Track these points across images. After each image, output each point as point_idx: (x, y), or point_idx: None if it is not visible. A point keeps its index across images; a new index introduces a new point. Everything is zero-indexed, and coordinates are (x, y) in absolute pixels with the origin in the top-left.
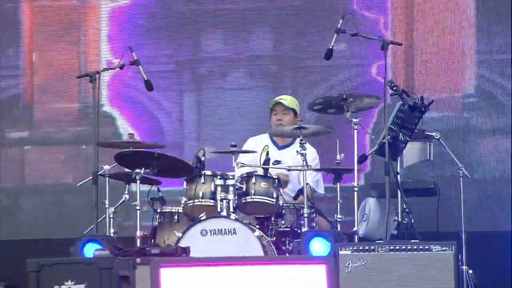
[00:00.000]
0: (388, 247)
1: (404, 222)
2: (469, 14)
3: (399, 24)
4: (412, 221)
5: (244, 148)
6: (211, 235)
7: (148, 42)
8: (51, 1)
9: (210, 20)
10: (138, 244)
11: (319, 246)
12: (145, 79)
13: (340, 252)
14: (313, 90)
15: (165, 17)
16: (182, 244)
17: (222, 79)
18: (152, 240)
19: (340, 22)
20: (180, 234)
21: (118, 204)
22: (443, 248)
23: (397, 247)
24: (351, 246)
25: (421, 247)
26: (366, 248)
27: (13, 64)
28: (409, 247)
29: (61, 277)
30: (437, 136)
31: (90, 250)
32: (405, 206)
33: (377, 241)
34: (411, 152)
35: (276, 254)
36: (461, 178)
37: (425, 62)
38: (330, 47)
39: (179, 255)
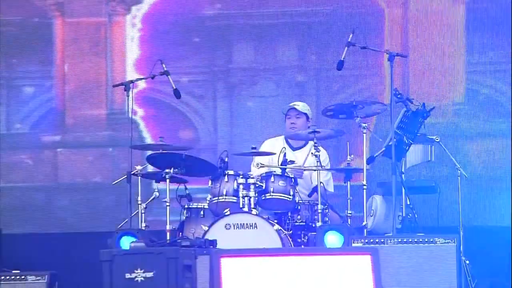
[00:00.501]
0: (396, 240)
1: (409, 217)
2: (459, 30)
3: (395, 39)
4: (416, 216)
5: (261, 149)
6: (234, 228)
7: (185, 55)
8: (81, 17)
9: (240, 35)
10: (168, 237)
11: (333, 239)
12: (174, 88)
13: (353, 244)
14: (334, 97)
15: (200, 32)
16: (208, 237)
17: (252, 87)
18: (180, 233)
19: (351, 36)
20: (206, 228)
21: (149, 200)
22: (447, 241)
23: (405, 240)
24: (362, 239)
25: (426, 239)
26: (377, 240)
27: (47, 74)
28: (415, 240)
29: (131, 266)
30: (437, 139)
31: (126, 242)
32: (408, 203)
33: (386, 234)
34: (414, 153)
35: (293, 246)
36: (458, 178)
37: (418, 73)
38: (342, 59)
39: (207, 247)
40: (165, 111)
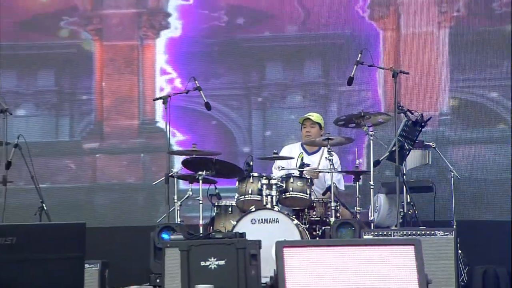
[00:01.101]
0: (401, 232)
1: (409, 213)
2: (443, 51)
3: (390, 57)
4: (416, 212)
5: (281, 154)
6: (259, 223)
7: (223, 73)
8: (117, 41)
9: (272, 55)
10: (201, 230)
11: (347, 233)
12: (205, 101)
13: (364, 236)
14: (354, 109)
15: (235, 51)
16: (236, 230)
17: (281, 100)
18: (211, 227)
19: (359, 56)
20: (235, 223)
21: (183, 199)
22: (446, 233)
23: (409, 232)
24: (372, 231)
25: (428, 232)
26: (385, 233)
27: (87, 90)
28: (418, 232)
29: (206, 255)
30: (433, 145)
31: (168, 235)
32: (409, 200)
33: (392, 228)
34: (413, 157)
35: (309, 238)
36: (452, 178)
37: (409, 87)
38: (351, 76)
39: (235, 238)
40: (203, 120)
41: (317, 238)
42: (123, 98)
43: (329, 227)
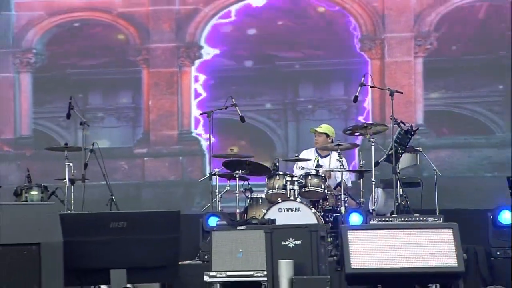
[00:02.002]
0: (400, 218)
1: (402, 203)
2: (419, 75)
3: (376, 80)
4: (408, 202)
5: (300, 156)
6: (284, 211)
7: (265, 92)
8: (160, 68)
9: (304, 76)
10: (238, 218)
11: (355, 218)
12: (240, 115)
13: (370, 222)
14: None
15: (273, 74)
16: (267, 217)
17: (312, 114)
18: (245, 215)
19: (363, 78)
20: (265, 211)
21: (223, 192)
22: (435, 219)
23: (407, 219)
24: (377, 218)
25: (421, 218)
26: (387, 219)
27: (137, 106)
28: (413, 219)
29: (285, 236)
30: (420, 150)
31: (213, 221)
32: (402, 193)
33: (392, 215)
34: (405, 159)
35: (324, 223)
36: (435, 176)
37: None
38: (356, 95)
39: (269, 224)
40: (247, 129)
41: (330, 224)
42: (165, 114)
43: (339, 214)
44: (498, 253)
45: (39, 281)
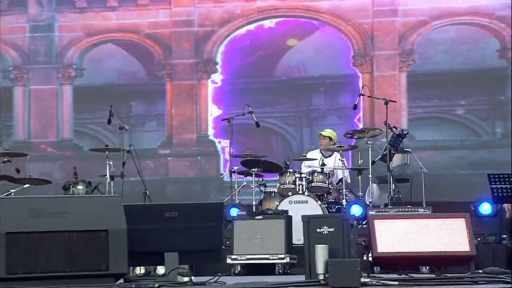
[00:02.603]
0: (395, 210)
1: (395, 197)
2: (403, 87)
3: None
4: (400, 195)
5: (307, 156)
6: (294, 203)
7: (284, 101)
8: (182, 81)
9: (316, 89)
10: (254, 209)
11: (356, 209)
12: (256, 121)
13: (369, 212)
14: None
15: (289, 86)
16: (280, 208)
17: (324, 120)
18: (260, 207)
19: (362, 89)
20: (277, 203)
21: (241, 187)
22: (425, 210)
23: (400, 210)
24: (375, 209)
25: (413, 209)
26: (384, 210)
27: (162, 114)
28: (406, 210)
29: (320, 224)
30: (410, 150)
31: (234, 211)
32: (394, 188)
33: (387, 207)
34: (397, 159)
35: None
36: (422, 173)
37: (379, 112)
38: (356, 103)
39: (280, 214)
40: (266, 133)
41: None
42: (186, 120)
43: (341, 206)
44: (478, 239)
45: (107, 262)
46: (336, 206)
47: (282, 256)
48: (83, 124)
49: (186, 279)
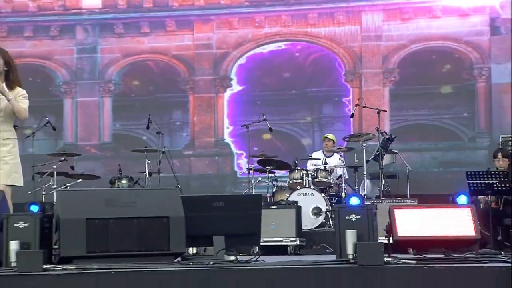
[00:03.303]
0: (389, 200)
1: (385, 190)
2: (386, 99)
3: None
4: (389, 189)
5: (312, 156)
6: (302, 195)
7: (296, 110)
8: (202, 94)
9: (325, 100)
10: (268, 200)
11: (354, 200)
12: (269, 127)
13: (367, 203)
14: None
15: (303, 98)
16: (290, 199)
17: (331, 126)
18: (273, 198)
19: (357, 100)
20: (288, 195)
21: (256, 181)
22: (412, 201)
23: (392, 201)
24: (371, 200)
25: (403, 201)
26: (378, 201)
27: (186, 121)
28: (396, 201)
29: (348, 213)
30: (397, 152)
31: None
32: (384, 182)
33: (380, 198)
34: (386, 158)
35: (330, 205)
36: (407, 171)
37: (366, 120)
38: (353, 112)
39: (291, 204)
40: (286, 137)
41: (333, 205)
42: (205, 126)
43: (340, 197)
44: None
45: (168, 243)
46: (336, 198)
47: (293, 239)
48: (120, 129)
49: (232, 258)
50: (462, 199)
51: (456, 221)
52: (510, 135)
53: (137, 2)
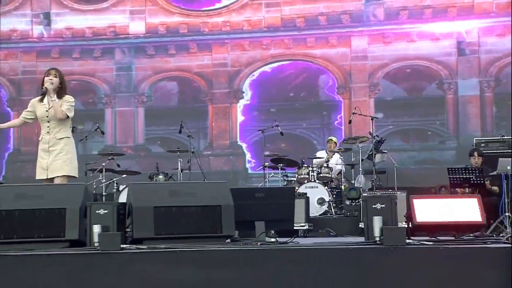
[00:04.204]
0: (381, 192)
1: (377, 183)
2: (371, 108)
3: (347, 112)
4: (381, 183)
5: (317, 155)
6: (308, 188)
7: (309, 117)
8: (218, 104)
9: (332, 108)
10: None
11: (353, 193)
12: (280, 131)
13: (363, 194)
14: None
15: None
16: (299, 191)
17: (339, 131)
18: None
19: (354, 109)
20: (297, 188)
21: (270, 176)
22: (402, 193)
23: (384, 192)
24: (368, 192)
25: (393, 192)
26: (373, 192)
27: (205, 126)
28: (388, 193)
29: (375, 202)
30: (386, 152)
31: None
32: (376, 177)
33: (374, 190)
34: (377, 157)
35: (332, 197)
36: (395, 168)
37: (357, 126)
38: (350, 119)
39: (302, 195)
40: (299, 140)
41: (333, 196)
42: (221, 131)
43: (340, 190)
44: None
45: (221, 227)
46: (337, 190)
47: (303, 224)
48: (151, 133)
49: (273, 239)
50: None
51: (465, 209)
52: (482, 138)
53: (174, 28)
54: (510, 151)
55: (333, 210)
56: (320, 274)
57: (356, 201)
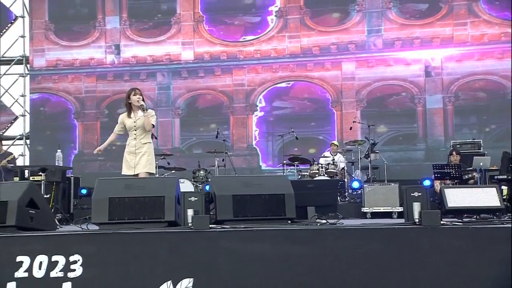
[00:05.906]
0: (378, 184)
1: (372, 177)
2: (358, 118)
3: (339, 122)
4: (375, 176)
5: (324, 155)
6: None
7: (320, 124)
8: (238, 115)
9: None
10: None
11: (356, 184)
12: (295, 136)
13: (364, 185)
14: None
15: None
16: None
17: (324, 135)
18: None
19: (354, 119)
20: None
21: (287, 171)
22: (393, 185)
23: (380, 184)
24: (368, 184)
25: (388, 183)
26: (369, 184)
27: (228, 134)
28: (383, 184)
29: (413, 191)
30: (378, 152)
31: None
32: (370, 172)
33: (370, 183)
34: (372, 156)
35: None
36: (385, 165)
37: (345, 132)
38: (351, 127)
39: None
40: (315, 142)
41: (339, 187)
42: (240, 136)
43: (344, 182)
44: None
45: (284, 211)
46: (340, 182)
47: None
48: (184, 138)
49: (323, 221)
50: (426, 183)
51: (487, 196)
52: (457, 140)
53: (216, 55)
54: (480, 150)
55: (339, 198)
56: (368, 249)
57: (358, 190)
